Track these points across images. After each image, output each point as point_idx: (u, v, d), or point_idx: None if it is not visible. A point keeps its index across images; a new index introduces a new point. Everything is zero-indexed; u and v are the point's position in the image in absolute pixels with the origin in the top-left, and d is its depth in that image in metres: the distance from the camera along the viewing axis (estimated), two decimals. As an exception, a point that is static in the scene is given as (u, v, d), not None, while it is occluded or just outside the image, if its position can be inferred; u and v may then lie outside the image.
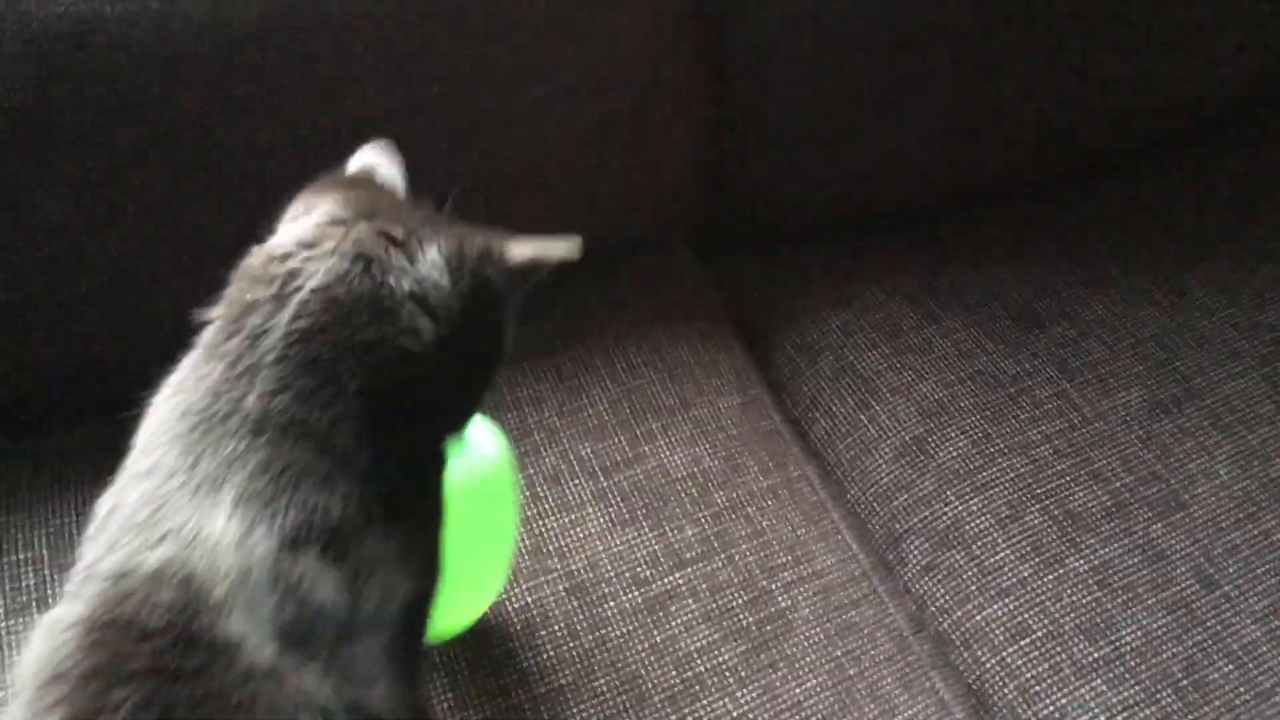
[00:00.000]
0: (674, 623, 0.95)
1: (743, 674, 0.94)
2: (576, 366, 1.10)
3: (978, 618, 1.01)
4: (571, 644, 0.93)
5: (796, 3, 1.13)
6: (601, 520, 1.00)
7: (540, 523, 0.99)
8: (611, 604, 0.96)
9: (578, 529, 0.99)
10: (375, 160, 0.76)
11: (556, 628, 0.94)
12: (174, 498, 0.59)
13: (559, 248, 0.72)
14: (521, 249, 0.70)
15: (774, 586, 0.99)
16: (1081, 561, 1.03)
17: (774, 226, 1.28)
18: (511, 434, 1.03)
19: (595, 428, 1.06)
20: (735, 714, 0.91)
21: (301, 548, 0.59)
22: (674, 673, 0.93)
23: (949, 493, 1.08)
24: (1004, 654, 0.99)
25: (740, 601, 0.98)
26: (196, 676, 0.54)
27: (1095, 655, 0.97)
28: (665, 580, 0.98)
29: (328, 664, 0.58)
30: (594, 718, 0.89)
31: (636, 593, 0.97)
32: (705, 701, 0.92)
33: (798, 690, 0.93)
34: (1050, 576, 1.02)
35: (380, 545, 0.63)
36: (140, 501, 0.60)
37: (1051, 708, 0.95)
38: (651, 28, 1.09)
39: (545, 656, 0.92)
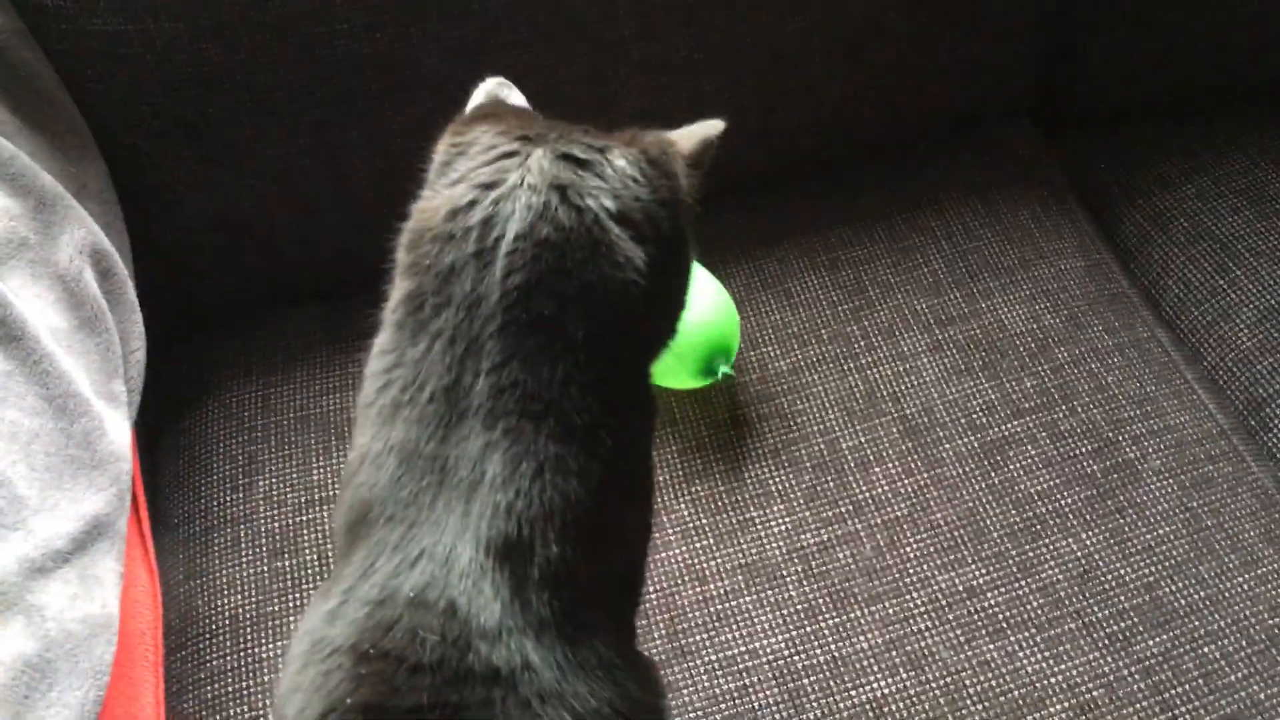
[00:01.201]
0: (1013, 466, 0.94)
1: (1087, 517, 0.91)
2: (911, 228, 1.09)
3: (1358, 481, 0.93)
4: (906, 480, 0.93)
5: None
6: (937, 369, 1.00)
7: (874, 370, 1.00)
8: (947, 446, 0.95)
9: (912, 377, 0.99)
10: (498, 92, 0.70)
11: (891, 465, 0.94)
12: (422, 510, 0.56)
13: (711, 125, 0.67)
14: (686, 140, 0.66)
15: (1121, 438, 0.95)
16: None
17: (1119, 99, 1.22)
18: (846, 290, 1.05)
19: (930, 285, 1.05)
20: (1080, 554, 0.89)
21: (559, 548, 0.56)
22: (1014, 512, 0.91)
23: (1323, 355, 1.00)
24: (1390, 518, 0.90)
25: (1084, 450, 0.94)
26: (478, 708, 0.52)
27: None
28: (1003, 427, 0.96)
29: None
30: (932, 547, 0.89)
31: (973, 437, 0.95)
32: (1048, 540, 0.89)
33: (1148, 536, 0.89)
34: None
35: (617, 512, 0.62)
36: (385, 510, 0.57)
37: None
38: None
39: (880, 490, 0.93)
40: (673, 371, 0.94)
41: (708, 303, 0.95)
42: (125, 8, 0.88)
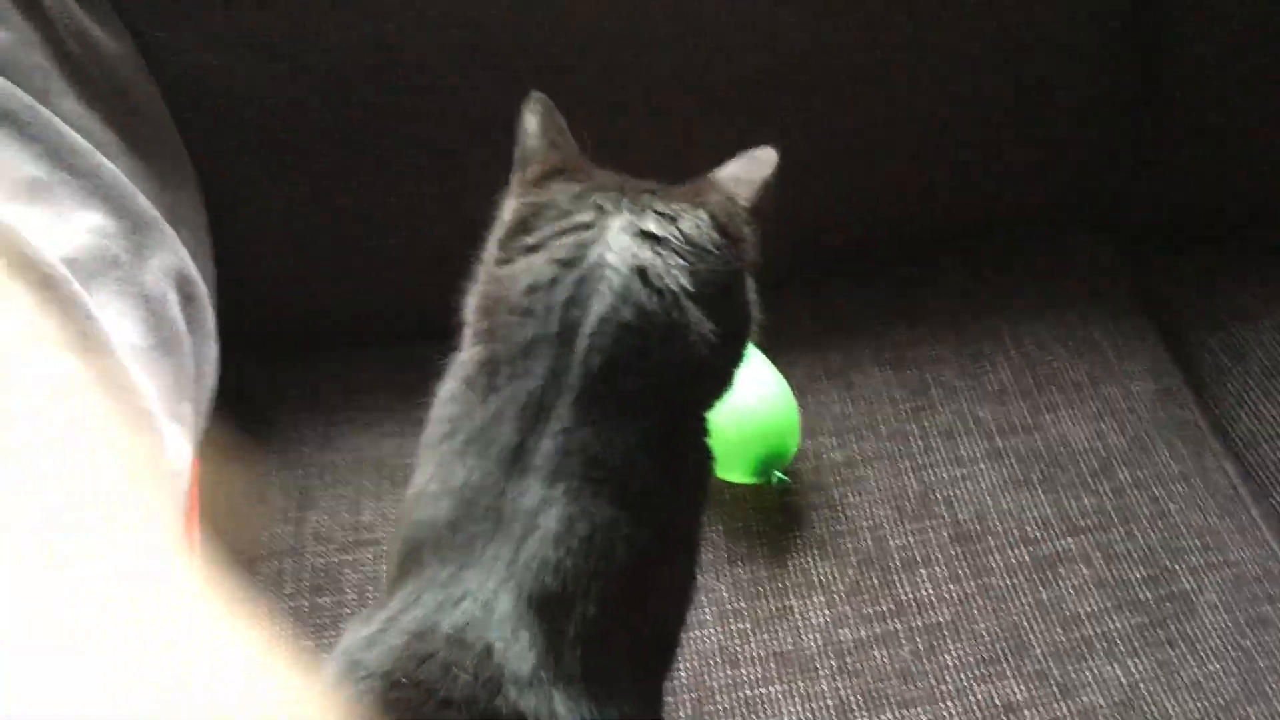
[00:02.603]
0: (1063, 584, 0.92)
1: (1135, 644, 0.88)
2: (981, 333, 1.09)
3: None
4: (952, 586, 0.92)
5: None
6: (993, 478, 0.98)
7: (930, 471, 0.99)
8: (997, 556, 0.94)
9: (968, 483, 0.98)
10: (547, 117, 0.70)
11: (937, 569, 0.93)
12: (472, 554, 0.58)
13: (764, 161, 0.68)
14: (745, 188, 0.67)
15: (1178, 567, 0.93)
16: None
17: (1201, 223, 1.21)
18: (909, 389, 1.04)
19: (995, 392, 1.04)
20: (1125, 681, 0.86)
21: (598, 609, 0.57)
22: (1059, 631, 0.89)
23: (1397, 505, 0.97)
24: None
25: (1138, 575, 0.92)
26: None
27: None
28: (1056, 543, 0.94)
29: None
30: (971, 657, 0.88)
31: (1024, 550, 0.94)
32: (1092, 663, 0.87)
33: (1197, 671, 0.87)
34: None
35: (661, 581, 0.63)
36: (438, 549, 0.59)
37: None
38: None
39: (924, 593, 0.91)
40: (727, 466, 0.94)
41: (770, 402, 0.95)
42: (229, 45, 0.92)
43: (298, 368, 1.07)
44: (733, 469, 0.94)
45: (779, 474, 0.93)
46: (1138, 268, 1.20)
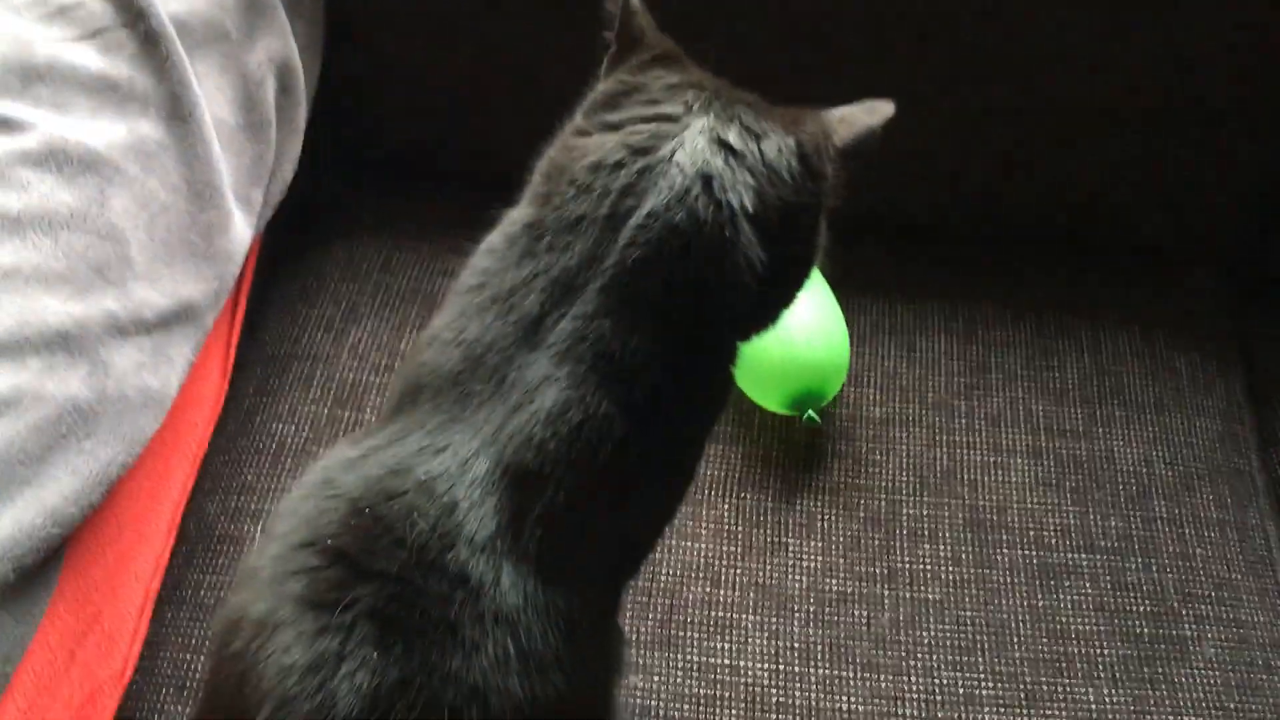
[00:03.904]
0: (1063, 597, 0.90)
1: (1117, 674, 0.86)
2: (1059, 329, 1.05)
3: None
4: (951, 568, 0.91)
5: None
6: (1026, 475, 0.96)
7: (964, 451, 0.97)
8: (1005, 552, 0.92)
9: (999, 472, 0.96)
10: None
11: (942, 548, 0.92)
12: (466, 409, 0.58)
13: (879, 110, 0.64)
14: (845, 127, 0.63)
15: (1184, 611, 0.90)
16: None
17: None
18: (969, 365, 1.02)
19: (1056, 391, 1.01)
20: (1095, 707, 0.85)
21: (569, 497, 0.57)
22: (1045, 641, 0.87)
23: None
24: None
25: (1141, 609, 0.90)
26: (435, 601, 0.54)
27: None
28: (1069, 555, 0.92)
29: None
30: (950, 640, 0.87)
31: (1034, 553, 0.92)
32: (1067, 682, 0.86)
33: (1172, 719, 0.85)
34: None
35: (644, 489, 0.62)
36: (436, 396, 0.59)
37: None
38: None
39: (921, 567, 0.90)
40: (761, 391, 0.94)
41: (823, 339, 0.93)
42: None
43: (380, 186, 1.08)
44: (768, 396, 0.93)
45: (812, 413, 0.92)
46: (1245, 310, 1.14)
